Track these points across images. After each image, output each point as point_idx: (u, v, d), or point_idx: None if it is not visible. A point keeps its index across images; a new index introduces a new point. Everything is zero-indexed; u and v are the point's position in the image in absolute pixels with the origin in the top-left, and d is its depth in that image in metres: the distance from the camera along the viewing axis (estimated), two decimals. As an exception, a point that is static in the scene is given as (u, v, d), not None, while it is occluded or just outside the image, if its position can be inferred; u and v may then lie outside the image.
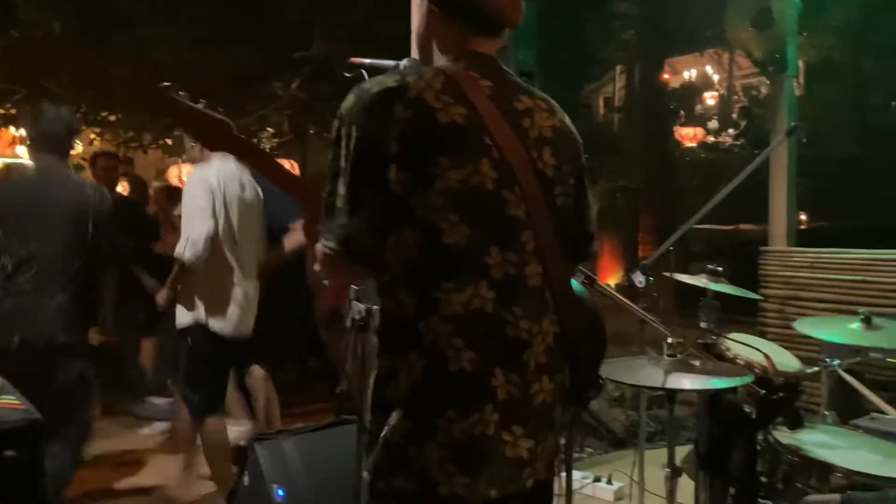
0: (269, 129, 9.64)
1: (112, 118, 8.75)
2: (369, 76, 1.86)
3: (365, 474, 1.41)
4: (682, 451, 2.74)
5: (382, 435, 1.36)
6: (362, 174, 1.36)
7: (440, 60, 1.53)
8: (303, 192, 1.66)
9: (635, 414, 4.17)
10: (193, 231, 3.21)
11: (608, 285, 3.09)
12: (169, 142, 9.10)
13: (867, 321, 2.62)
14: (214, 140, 1.63)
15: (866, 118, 11.58)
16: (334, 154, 1.39)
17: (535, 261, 1.42)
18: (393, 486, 1.36)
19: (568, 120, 1.56)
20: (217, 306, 3.33)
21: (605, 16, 11.42)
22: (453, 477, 1.33)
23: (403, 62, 1.89)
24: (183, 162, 8.40)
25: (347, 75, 1.94)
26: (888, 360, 3.46)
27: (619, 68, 16.03)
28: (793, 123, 2.83)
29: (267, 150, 7.35)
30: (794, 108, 4.91)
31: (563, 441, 1.57)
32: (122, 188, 6.18)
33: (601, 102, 19.06)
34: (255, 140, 8.70)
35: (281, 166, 1.75)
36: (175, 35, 7.03)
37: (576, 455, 4.47)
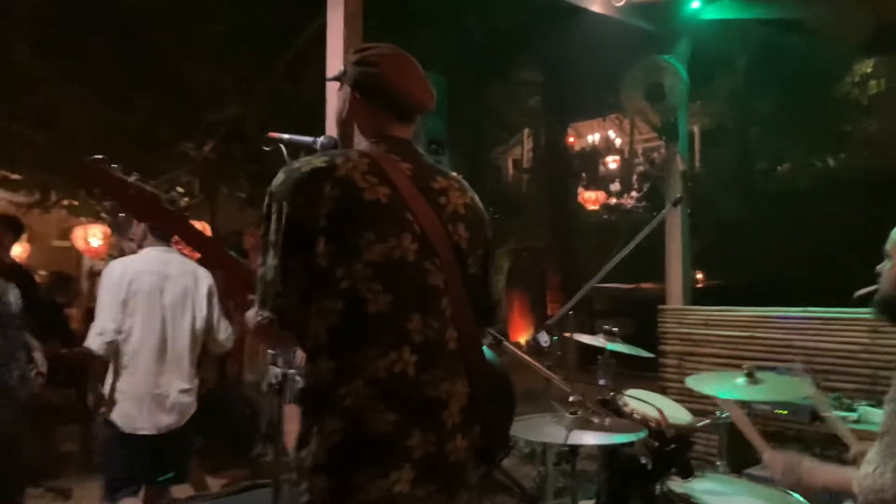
0: (179, 188, 9.55)
1: (15, 177, 8.51)
2: (286, 150, 1.98)
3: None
4: (586, 505, 2.85)
5: (304, 496, 1.43)
6: (291, 247, 1.46)
7: (361, 141, 1.66)
8: (220, 259, 1.72)
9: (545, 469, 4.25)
10: (98, 323, 3.21)
11: (518, 343, 3.20)
12: (76, 203, 8.88)
13: (751, 376, 2.83)
14: (144, 212, 1.65)
15: (754, 181, 12.33)
16: (265, 228, 1.49)
17: (452, 325, 1.53)
18: None
19: (477, 198, 1.71)
20: (117, 400, 3.22)
21: (509, 82, 11.90)
22: None
23: (321, 139, 1.99)
24: (90, 223, 8.20)
25: (266, 149, 2.04)
26: (776, 410, 3.68)
27: (526, 131, 16.59)
28: (678, 195, 3.05)
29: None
30: (687, 175, 5.26)
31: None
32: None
33: (510, 164, 19.58)
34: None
35: (205, 237, 1.77)
36: (80, 93, 6.94)
37: (488, 513, 4.52)
